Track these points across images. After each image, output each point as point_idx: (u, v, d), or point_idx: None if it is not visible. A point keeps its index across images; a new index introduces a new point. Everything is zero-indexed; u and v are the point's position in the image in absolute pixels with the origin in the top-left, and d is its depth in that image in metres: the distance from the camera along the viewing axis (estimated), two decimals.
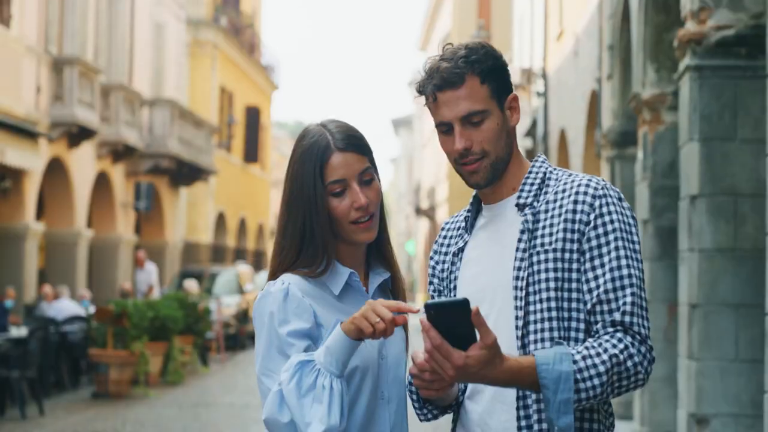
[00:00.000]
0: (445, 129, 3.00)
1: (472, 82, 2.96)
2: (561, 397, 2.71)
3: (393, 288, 3.25)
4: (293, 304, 3.03)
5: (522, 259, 2.94)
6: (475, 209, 3.14)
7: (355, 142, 3.12)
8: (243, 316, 28.39)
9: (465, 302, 2.62)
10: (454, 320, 2.63)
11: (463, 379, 2.69)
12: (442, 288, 3.20)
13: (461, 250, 3.12)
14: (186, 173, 33.72)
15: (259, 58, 49.23)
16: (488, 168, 2.99)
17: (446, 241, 3.23)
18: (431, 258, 3.27)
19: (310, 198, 3.09)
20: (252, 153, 46.55)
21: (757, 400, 8.61)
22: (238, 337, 27.60)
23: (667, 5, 11.43)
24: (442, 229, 3.28)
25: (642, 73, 11.64)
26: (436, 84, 2.98)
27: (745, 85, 8.81)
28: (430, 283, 3.25)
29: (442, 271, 3.20)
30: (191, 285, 24.92)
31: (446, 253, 3.20)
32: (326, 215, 3.09)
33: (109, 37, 29.59)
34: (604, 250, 2.88)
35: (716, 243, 8.79)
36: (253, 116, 46.81)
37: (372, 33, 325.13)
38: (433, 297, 3.19)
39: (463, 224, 3.17)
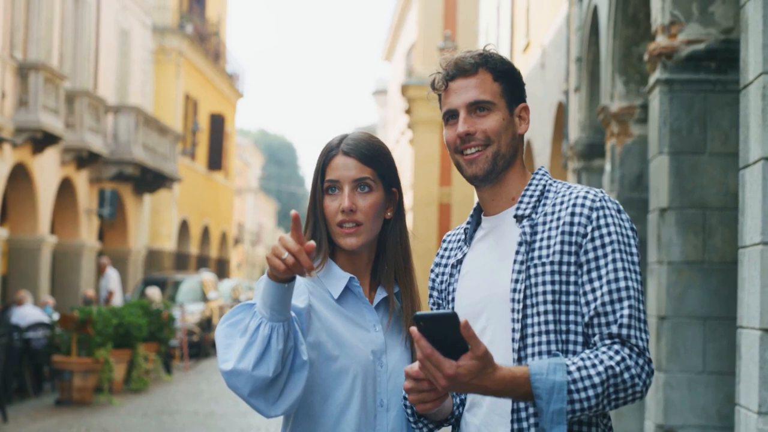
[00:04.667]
0: (451, 117, 3.02)
1: (484, 75, 3.00)
2: (554, 408, 2.69)
3: (403, 306, 3.26)
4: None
5: (519, 272, 2.93)
6: (475, 221, 3.14)
7: (361, 150, 3.18)
8: (207, 324, 28.28)
9: (453, 315, 2.60)
10: (443, 332, 2.61)
11: (455, 388, 2.66)
12: (440, 301, 3.21)
13: (460, 262, 3.12)
14: (150, 180, 33.60)
15: (224, 65, 49.16)
16: (489, 159, 2.99)
17: (446, 254, 3.23)
18: (432, 271, 3.27)
19: (314, 194, 3.22)
20: (216, 161, 46.45)
21: (724, 412, 8.66)
22: (202, 344, 27.50)
23: (636, 19, 11.50)
24: (443, 241, 3.28)
25: (610, 85, 11.70)
26: (449, 73, 3.02)
27: (715, 99, 8.87)
28: (430, 296, 3.25)
29: (441, 283, 3.20)
30: (153, 292, 24.82)
31: (446, 266, 3.20)
32: (323, 212, 3.19)
33: (74, 43, 29.47)
34: (602, 262, 2.87)
35: (685, 255, 8.84)
36: (217, 124, 46.70)
37: (337, 42, 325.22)
38: (432, 310, 3.20)
39: (463, 236, 3.17)
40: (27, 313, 19.16)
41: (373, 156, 3.19)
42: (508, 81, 3.03)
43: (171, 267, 38.75)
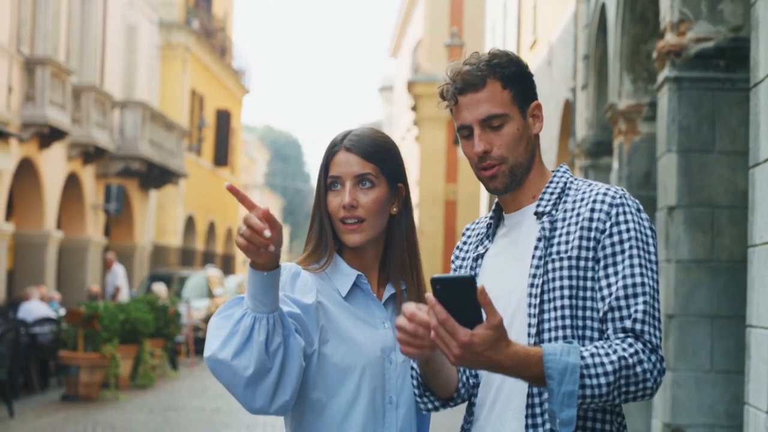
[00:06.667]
0: (465, 133, 3.00)
1: (493, 86, 2.95)
2: (565, 389, 2.66)
3: (409, 301, 3.24)
4: (300, 283, 3.11)
5: (537, 267, 2.92)
6: (497, 217, 3.13)
7: (364, 146, 3.18)
8: None
9: (471, 279, 2.57)
10: (459, 297, 2.57)
11: (468, 358, 2.61)
12: None
13: (481, 256, 3.12)
14: (156, 176, 33.63)
15: (230, 61, 49.17)
16: (506, 174, 2.97)
17: (465, 247, 3.23)
18: (452, 262, 3.26)
19: (319, 190, 3.23)
20: (222, 156, 46.49)
21: (732, 411, 8.65)
22: None
23: (645, 16, 11.48)
24: (463, 234, 3.28)
25: (618, 83, 11.69)
26: (457, 87, 2.97)
27: (724, 97, 8.86)
28: None
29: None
30: (159, 288, 24.82)
31: (464, 258, 3.20)
32: (326, 208, 3.20)
33: (81, 39, 29.49)
34: (619, 258, 2.86)
35: (693, 254, 8.83)
36: (223, 120, 46.74)
37: (343, 39, 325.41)
38: None
39: (485, 230, 3.16)
40: (33, 308, 19.16)
41: (376, 152, 3.19)
42: (518, 84, 3.00)
43: (177, 263, 38.78)
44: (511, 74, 2.98)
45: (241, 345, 2.85)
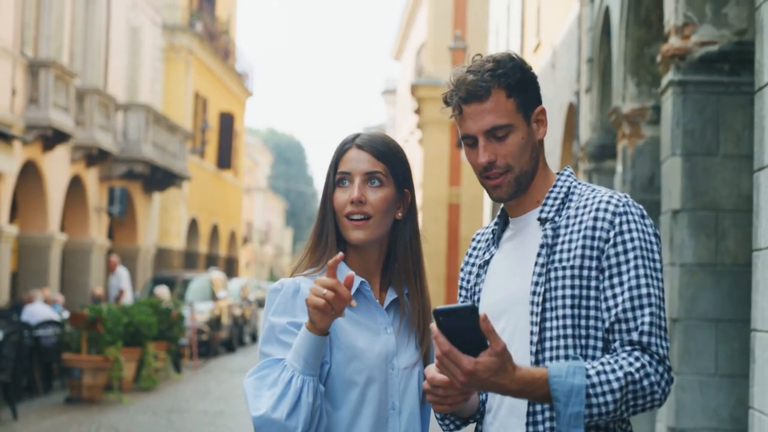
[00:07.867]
0: (470, 142, 2.97)
1: (497, 96, 2.92)
2: (572, 411, 2.68)
3: (413, 307, 3.24)
4: (300, 300, 3.08)
5: (540, 275, 2.90)
6: (503, 222, 3.12)
7: (375, 146, 3.18)
8: (216, 323, 28.26)
9: (473, 308, 2.59)
10: (463, 327, 2.60)
11: (474, 386, 2.65)
12: (467, 300, 3.17)
13: (487, 262, 3.10)
14: (159, 178, 33.63)
15: (233, 64, 49.17)
16: (512, 183, 2.95)
17: (475, 252, 3.21)
18: (461, 270, 3.24)
19: (326, 187, 3.22)
20: (225, 159, 46.48)
21: (736, 415, 8.64)
22: (211, 343, 27.49)
23: (649, 20, 11.48)
24: (472, 240, 3.26)
25: (622, 86, 11.69)
26: (461, 96, 2.94)
27: (728, 101, 8.85)
28: (459, 295, 3.22)
29: (468, 282, 3.18)
30: (162, 291, 24.81)
31: (473, 265, 3.19)
32: (332, 205, 3.19)
33: (85, 41, 29.50)
34: (624, 268, 2.84)
35: (697, 258, 8.82)
36: (226, 122, 46.72)
37: (346, 41, 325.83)
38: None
39: (491, 236, 3.15)
40: (37, 311, 19.17)
41: (387, 152, 3.18)
42: (523, 91, 2.97)
43: (180, 265, 38.77)
44: (515, 82, 2.95)
45: (292, 406, 2.91)
